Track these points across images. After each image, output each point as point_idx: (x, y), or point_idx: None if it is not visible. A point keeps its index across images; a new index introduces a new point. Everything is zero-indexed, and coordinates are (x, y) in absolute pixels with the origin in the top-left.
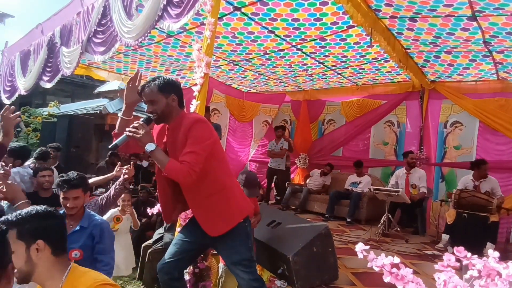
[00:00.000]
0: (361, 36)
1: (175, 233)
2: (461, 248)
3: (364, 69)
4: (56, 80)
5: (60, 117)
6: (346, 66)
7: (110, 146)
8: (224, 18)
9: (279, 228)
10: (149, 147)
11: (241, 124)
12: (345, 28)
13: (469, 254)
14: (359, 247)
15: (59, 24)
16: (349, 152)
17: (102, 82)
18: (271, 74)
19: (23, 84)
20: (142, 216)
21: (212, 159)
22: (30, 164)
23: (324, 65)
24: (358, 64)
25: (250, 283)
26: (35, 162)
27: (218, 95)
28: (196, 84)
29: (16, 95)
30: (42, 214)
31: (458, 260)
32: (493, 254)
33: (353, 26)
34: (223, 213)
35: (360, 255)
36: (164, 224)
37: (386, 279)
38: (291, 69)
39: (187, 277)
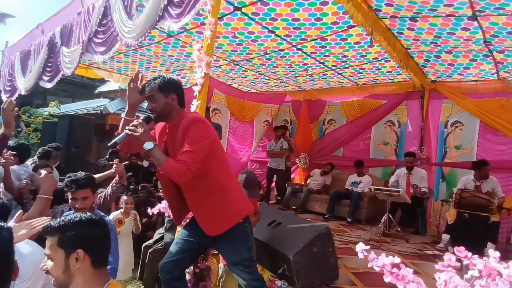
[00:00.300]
0: (362, 36)
1: (176, 233)
2: (462, 248)
3: (365, 69)
4: (57, 80)
5: (61, 117)
6: (347, 66)
7: (110, 144)
8: (225, 18)
9: (280, 228)
10: (147, 146)
11: (242, 124)
12: (346, 28)
13: (470, 254)
14: (360, 247)
15: (60, 24)
16: (350, 152)
17: (103, 82)
18: (272, 74)
19: (23, 84)
20: (143, 216)
21: (212, 159)
22: (32, 164)
23: (325, 65)
24: (359, 64)
25: (251, 283)
26: (37, 162)
27: (219, 95)
28: (197, 84)
29: (16, 95)
30: (85, 222)
31: (459, 260)
32: (494, 254)
33: (354, 26)
34: (222, 213)
35: (361, 255)
36: (165, 224)
37: (387, 279)
38: (292, 69)
39: (188, 277)
